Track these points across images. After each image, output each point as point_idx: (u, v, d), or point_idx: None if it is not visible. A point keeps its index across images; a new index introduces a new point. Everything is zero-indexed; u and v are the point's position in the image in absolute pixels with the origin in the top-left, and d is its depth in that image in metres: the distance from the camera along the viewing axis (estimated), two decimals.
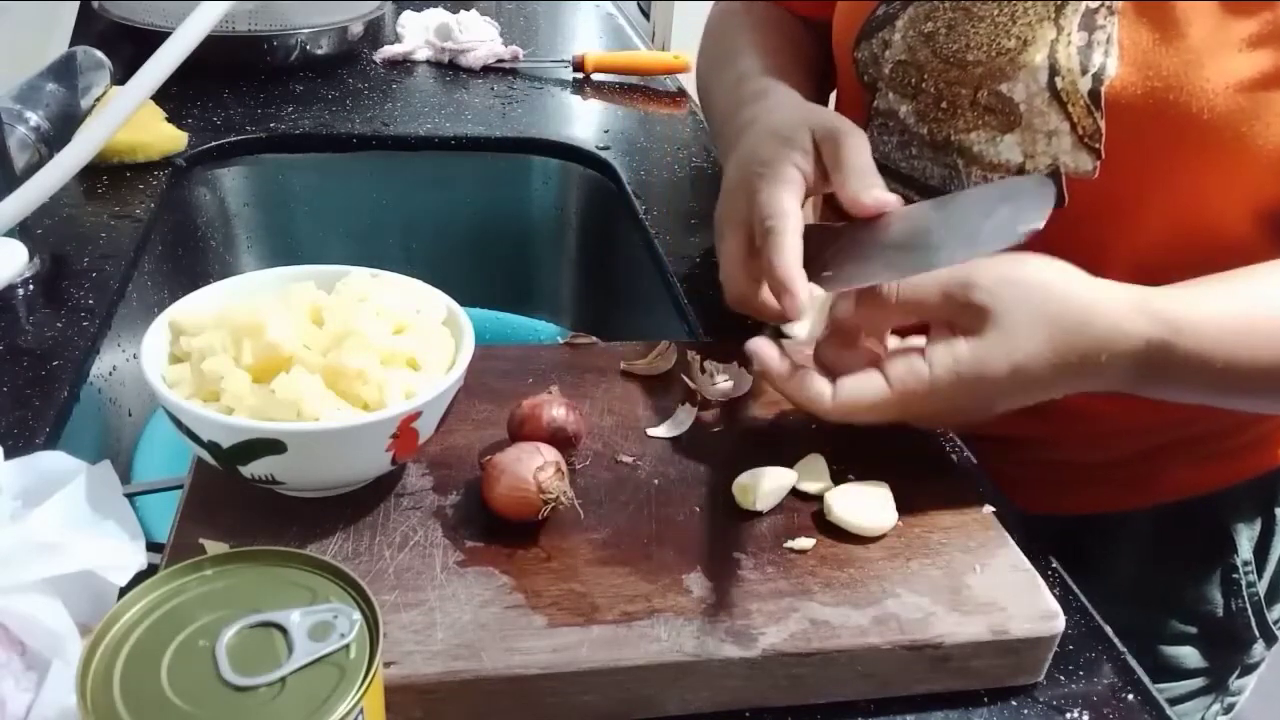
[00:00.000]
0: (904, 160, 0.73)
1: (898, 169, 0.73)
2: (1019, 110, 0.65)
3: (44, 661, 0.43)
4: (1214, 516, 0.79)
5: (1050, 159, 0.65)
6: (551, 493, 0.51)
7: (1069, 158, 0.64)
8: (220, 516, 0.51)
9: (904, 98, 0.71)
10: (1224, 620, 0.81)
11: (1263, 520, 0.80)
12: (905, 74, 0.71)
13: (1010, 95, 0.65)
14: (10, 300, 0.74)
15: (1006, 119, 0.66)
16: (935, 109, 0.69)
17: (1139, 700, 0.52)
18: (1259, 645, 0.84)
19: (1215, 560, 0.80)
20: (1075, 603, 0.57)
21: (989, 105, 0.66)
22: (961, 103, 0.68)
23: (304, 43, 1.18)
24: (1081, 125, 0.63)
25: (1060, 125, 0.64)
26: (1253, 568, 0.80)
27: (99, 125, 0.55)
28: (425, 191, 1.12)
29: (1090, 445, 0.77)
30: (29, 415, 0.64)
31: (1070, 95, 0.63)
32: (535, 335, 1.08)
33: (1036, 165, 0.66)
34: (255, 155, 1.06)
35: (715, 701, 0.48)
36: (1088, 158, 0.64)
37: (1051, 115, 0.64)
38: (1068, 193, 0.61)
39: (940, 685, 0.50)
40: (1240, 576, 0.80)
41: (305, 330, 0.52)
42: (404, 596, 0.48)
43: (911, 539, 0.54)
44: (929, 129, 0.70)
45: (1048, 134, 0.64)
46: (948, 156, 0.70)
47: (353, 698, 0.34)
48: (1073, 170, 0.64)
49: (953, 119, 0.68)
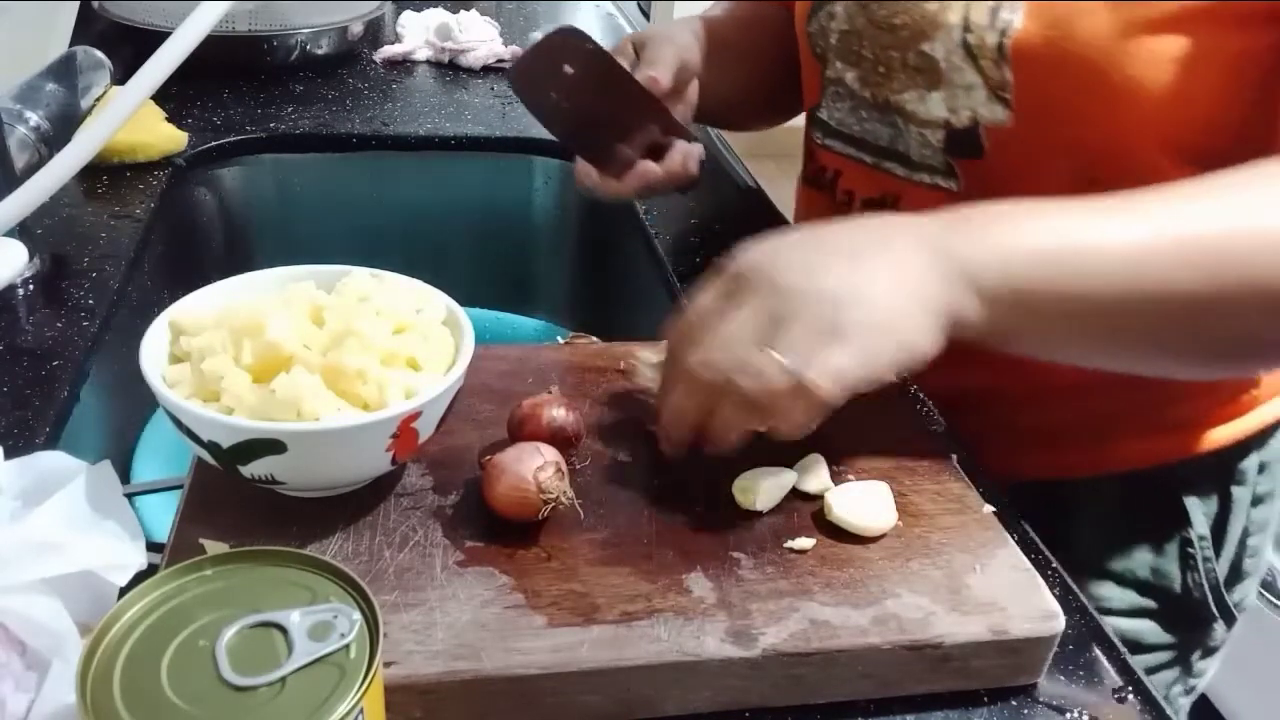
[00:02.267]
0: (855, 124, 0.78)
1: (851, 133, 0.79)
2: (940, 68, 0.70)
3: (44, 661, 0.43)
4: (1168, 489, 0.81)
5: (970, 112, 0.69)
6: (551, 493, 0.51)
7: (985, 110, 0.69)
8: (220, 516, 0.51)
9: (849, 65, 0.76)
10: (1182, 596, 0.83)
11: (1219, 499, 0.82)
12: (848, 42, 0.76)
13: (932, 54, 0.70)
14: (10, 300, 0.74)
15: (931, 77, 0.70)
16: (874, 73, 0.74)
17: (1139, 700, 0.52)
18: (1220, 627, 0.85)
19: (1170, 533, 0.82)
20: (1075, 603, 0.57)
21: (916, 65, 0.71)
22: (894, 65, 0.72)
23: (304, 43, 1.18)
24: (991, 78, 0.67)
25: (974, 80, 0.68)
26: (1209, 544, 0.82)
27: (99, 125, 0.55)
28: (425, 191, 1.12)
29: (1043, 403, 0.79)
30: (29, 415, 0.64)
31: (980, 50, 0.67)
32: (535, 335, 1.08)
33: (959, 119, 0.70)
34: (255, 155, 1.06)
35: (715, 701, 0.48)
36: (1000, 109, 0.68)
37: (967, 70, 0.68)
38: (986, 143, 0.69)
39: (940, 685, 0.50)
40: (1196, 551, 0.82)
41: (305, 330, 0.52)
42: (404, 596, 0.48)
43: (911, 539, 0.55)
44: (871, 92, 0.75)
45: (965, 88, 0.69)
46: (890, 117, 0.75)
47: (353, 698, 0.34)
48: (989, 121, 0.69)
49: (889, 81, 0.73)
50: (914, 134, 0.73)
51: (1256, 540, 0.85)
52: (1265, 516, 0.85)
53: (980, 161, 0.71)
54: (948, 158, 0.72)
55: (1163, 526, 0.82)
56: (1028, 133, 0.68)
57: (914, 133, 0.73)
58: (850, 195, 0.79)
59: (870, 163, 0.77)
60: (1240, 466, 0.81)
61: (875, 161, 0.77)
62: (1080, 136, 0.67)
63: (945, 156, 0.72)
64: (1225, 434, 0.80)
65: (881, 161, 0.77)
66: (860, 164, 0.78)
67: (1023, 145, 0.69)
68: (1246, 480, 0.82)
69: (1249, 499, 0.83)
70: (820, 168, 0.83)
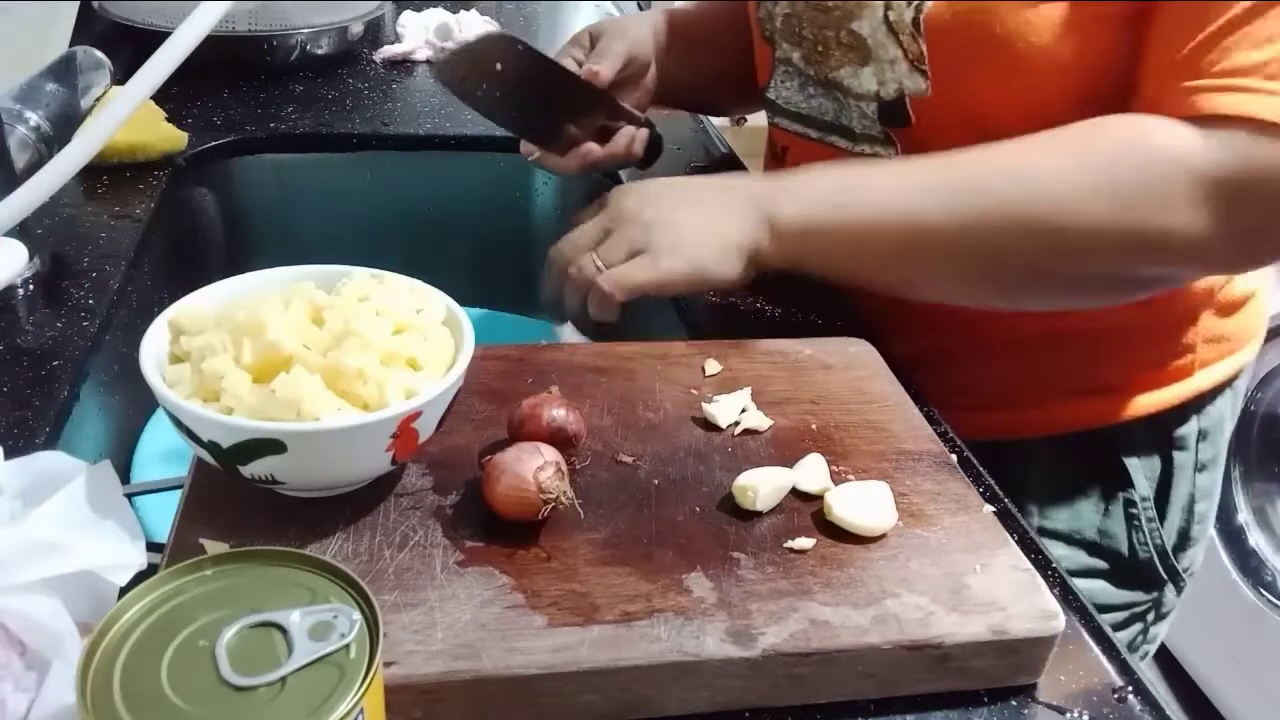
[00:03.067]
0: (803, 101, 0.84)
1: (799, 110, 0.85)
2: (868, 44, 0.75)
3: (44, 661, 0.43)
4: (1109, 450, 0.84)
5: (896, 84, 0.75)
6: (551, 493, 0.51)
7: (908, 81, 0.75)
8: (220, 516, 0.51)
9: (794, 46, 0.82)
10: (1130, 558, 0.86)
11: (1161, 461, 0.85)
12: (790, 24, 0.81)
13: (860, 31, 0.75)
14: (10, 300, 0.74)
15: (861, 53, 0.76)
16: (814, 51, 0.80)
17: (1139, 700, 0.52)
18: (1170, 590, 0.88)
19: (1114, 494, 0.85)
20: (1075, 602, 0.57)
21: (848, 43, 0.77)
22: (830, 44, 0.78)
23: (304, 43, 1.18)
24: (909, 51, 0.73)
25: (896, 53, 0.74)
26: (1151, 505, 0.85)
27: (99, 125, 0.55)
28: (425, 191, 1.12)
29: (981, 362, 0.84)
30: (29, 415, 0.64)
31: (899, 25, 0.73)
32: (535, 335, 1.08)
33: (888, 91, 0.76)
34: (255, 155, 1.06)
35: (715, 701, 0.48)
36: (920, 79, 0.74)
37: (889, 45, 0.74)
38: (911, 112, 0.76)
39: (940, 685, 0.50)
40: (1140, 512, 0.85)
41: (305, 330, 0.52)
42: (404, 596, 0.48)
43: (911, 539, 0.55)
44: (814, 70, 0.81)
45: (889, 62, 0.75)
46: (833, 92, 0.81)
47: (353, 698, 0.34)
48: (912, 91, 0.75)
49: (827, 58, 0.79)
50: (853, 107, 0.79)
51: (1203, 506, 0.88)
52: (1209, 482, 0.88)
53: (909, 130, 0.77)
54: (884, 128, 0.78)
55: (1106, 487, 0.85)
56: (945, 101, 0.74)
57: (853, 106, 0.79)
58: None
59: (815, 137, 0.84)
60: (1179, 433, 0.85)
61: (820, 136, 0.83)
62: (990, 102, 0.73)
63: (881, 126, 0.78)
64: (1159, 399, 0.83)
65: (826, 135, 0.83)
66: (805, 139, 0.85)
67: (941, 112, 0.75)
68: (1188, 446, 0.85)
69: (1192, 464, 0.86)
70: (772, 144, 0.91)
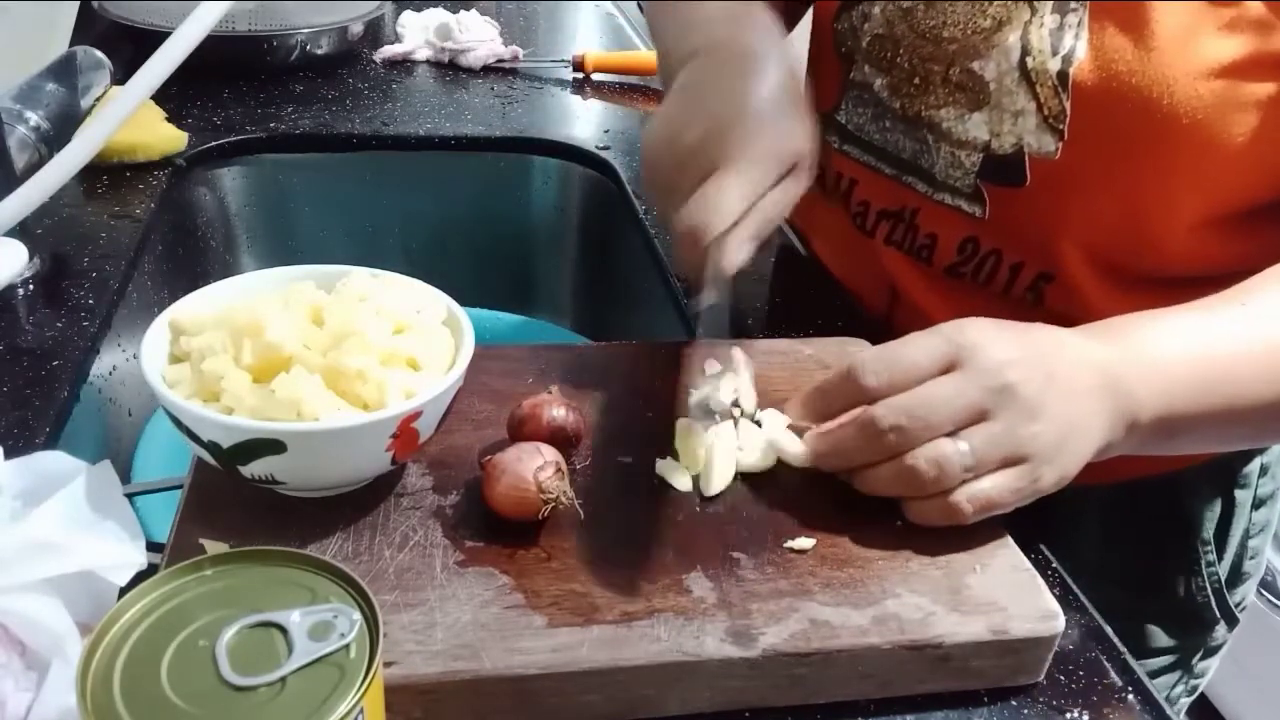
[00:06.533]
0: (877, 132, 0.75)
1: (870, 140, 0.75)
2: (989, 89, 0.67)
3: (44, 661, 0.43)
4: (1173, 496, 0.81)
5: (1015, 138, 0.67)
6: (551, 493, 0.51)
7: (1033, 138, 0.66)
8: (220, 516, 0.51)
9: (879, 71, 0.73)
10: (1185, 600, 0.83)
11: (1223, 502, 0.81)
12: (882, 47, 0.72)
13: (981, 73, 0.67)
14: (10, 300, 0.74)
15: (976, 97, 0.67)
16: (908, 84, 0.71)
17: (1139, 700, 0.52)
18: (1221, 627, 0.85)
19: (1175, 539, 0.81)
20: (1075, 602, 0.57)
21: (960, 82, 0.68)
22: (934, 79, 0.69)
23: (304, 43, 1.18)
24: (1048, 106, 0.65)
25: (1027, 105, 0.65)
26: (1212, 549, 0.82)
27: (99, 125, 0.55)
28: (425, 191, 1.12)
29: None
30: (29, 415, 0.64)
31: (1040, 76, 0.64)
32: (535, 335, 1.08)
33: (1001, 144, 0.67)
34: (255, 155, 1.06)
35: (715, 701, 0.48)
36: (1051, 139, 0.65)
37: (1020, 95, 0.65)
38: (1030, 173, 0.66)
39: (940, 685, 0.50)
40: (1200, 557, 0.81)
41: (305, 330, 0.52)
42: (404, 596, 0.48)
43: (911, 539, 0.54)
44: (901, 103, 0.72)
45: (1015, 113, 0.66)
46: (919, 131, 0.71)
47: (353, 698, 0.34)
48: (1035, 150, 0.66)
49: (925, 94, 0.70)
50: (944, 152, 0.70)
51: (1257, 541, 0.85)
52: (1266, 518, 0.85)
53: (1017, 190, 0.67)
54: (979, 182, 0.69)
55: (1167, 532, 0.81)
56: (1077, 167, 0.65)
57: (944, 151, 0.70)
58: (866, 206, 0.77)
59: (890, 174, 0.75)
60: (1244, 471, 0.81)
61: (895, 174, 0.74)
62: (1130, 179, 0.64)
63: (976, 180, 0.69)
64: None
65: (902, 175, 0.74)
66: (879, 174, 0.75)
67: (1068, 179, 0.66)
68: (1249, 483, 0.82)
69: (1250, 501, 0.83)
70: (836, 174, 0.80)
